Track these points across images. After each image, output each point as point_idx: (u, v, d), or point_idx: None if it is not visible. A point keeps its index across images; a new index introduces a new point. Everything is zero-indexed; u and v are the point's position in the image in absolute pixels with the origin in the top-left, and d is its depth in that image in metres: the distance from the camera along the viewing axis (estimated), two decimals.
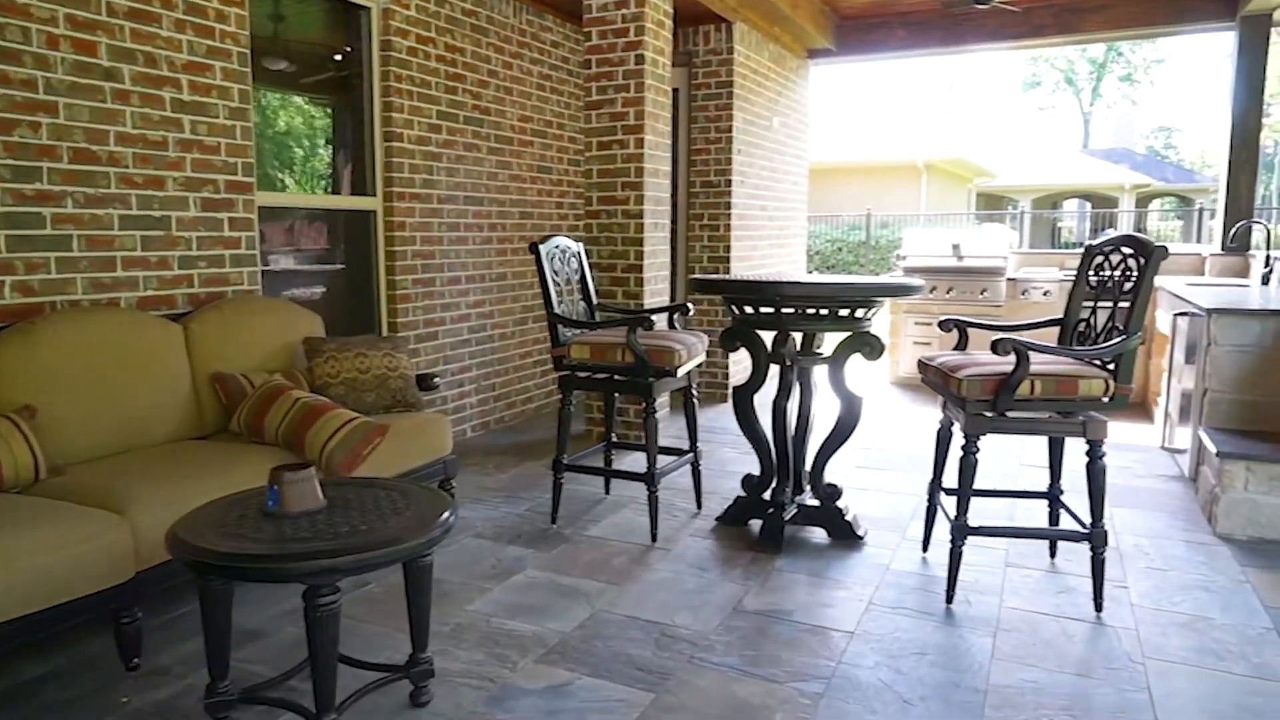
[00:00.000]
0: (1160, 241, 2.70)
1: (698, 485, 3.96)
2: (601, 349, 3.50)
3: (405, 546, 2.03)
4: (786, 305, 3.26)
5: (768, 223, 7.09)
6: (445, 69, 5.00)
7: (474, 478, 4.51)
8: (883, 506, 4.02)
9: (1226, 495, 3.59)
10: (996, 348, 2.70)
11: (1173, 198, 28.52)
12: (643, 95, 4.91)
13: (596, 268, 5.15)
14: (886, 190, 18.51)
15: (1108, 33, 6.89)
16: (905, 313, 6.96)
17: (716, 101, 6.30)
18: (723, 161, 6.33)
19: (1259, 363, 3.87)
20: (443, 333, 5.14)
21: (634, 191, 4.99)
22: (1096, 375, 2.76)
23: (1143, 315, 2.76)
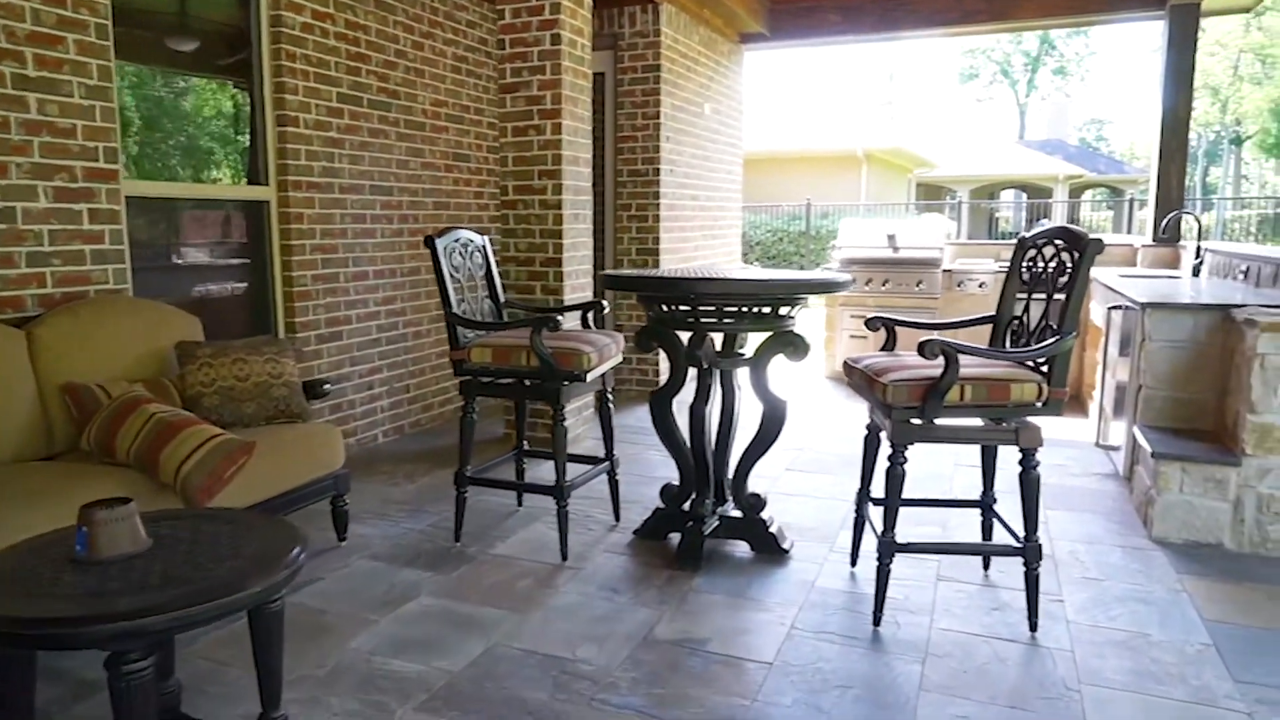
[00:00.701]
0: (1095, 233, 2.51)
1: (615, 496, 3.70)
2: (504, 352, 3.21)
3: (239, 597, 1.73)
4: (702, 303, 3.01)
5: (700, 213, 6.85)
6: (347, 48, 4.63)
7: (379, 489, 4.18)
8: (812, 513, 3.81)
9: (1162, 498, 3.46)
10: (924, 350, 2.48)
11: (1104, 188, 29.12)
12: (560, 78, 4.61)
13: (514, 262, 4.85)
14: (827, 180, 18.45)
15: (1040, 20, 6.79)
16: (841, 306, 6.79)
17: (643, 86, 6.02)
18: (650, 149, 6.06)
19: (1193, 358, 3.74)
20: (349, 332, 4.79)
21: (552, 180, 4.70)
22: (1029, 378, 2.56)
23: (1078, 313, 2.57)
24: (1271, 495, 3.31)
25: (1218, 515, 3.39)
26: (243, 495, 2.87)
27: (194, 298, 4.14)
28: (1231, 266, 4.80)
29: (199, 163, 4.28)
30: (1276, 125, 28.82)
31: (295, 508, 3.21)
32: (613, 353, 3.42)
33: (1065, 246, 2.64)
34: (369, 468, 4.55)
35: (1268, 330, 3.24)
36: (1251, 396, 3.29)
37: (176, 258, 4.11)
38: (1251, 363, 3.29)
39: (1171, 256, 6.21)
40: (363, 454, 4.83)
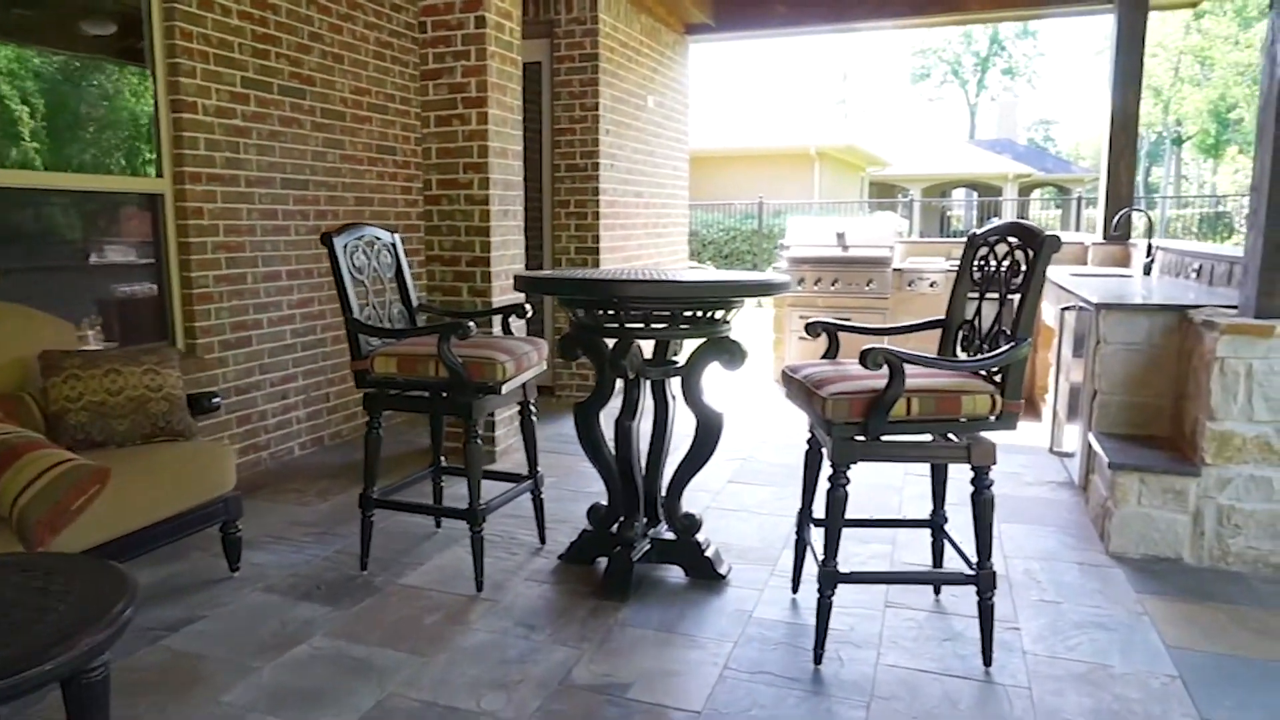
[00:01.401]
0: (1050, 230, 2.29)
1: (540, 516, 3.41)
2: (411, 361, 2.89)
3: (35, 673, 1.41)
4: (627, 308, 2.73)
5: (643, 210, 6.58)
6: (253, 29, 4.26)
7: (287, 510, 3.83)
8: (753, 531, 3.56)
9: (1119, 510, 3.26)
10: (866, 359, 2.23)
11: (1052, 187, 29.53)
12: (485, 64, 4.30)
13: (439, 261, 4.53)
14: (780, 178, 18.33)
15: (991, 12, 6.64)
16: (790, 306, 6.57)
17: (581, 76, 5.73)
18: (589, 143, 5.77)
19: (1149, 362, 3.56)
20: (259, 338, 4.42)
21: (478, 174, 4.38)
22: (982, 390, 2.33)
23: (1033, 317, 2.34)
24: (1231, 507, 3.14)
25: (1177, 528, 3.21)
26: (104, 528, 2.52)
27: (76, 302, 3.75)
28: (1184, 265, 4.65)
29: (84, 151, 3.89)
30: (1215, 126, 29.49)
31: (175, 538, 2.87)
32: (533, 361, 3.12)
33: (1019, 244, 2.42)
34: (279, 485, 4.20)
35: (1227, 333, 3.06)
36: (1210, 403, 3.11)
37: (55, 257, 3.72)
38: (1210, 367, 3.11)
39: (1122, 254, 6.09)
40: (275, 469, 4.47)
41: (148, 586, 3.01)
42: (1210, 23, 27.75)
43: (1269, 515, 3.10)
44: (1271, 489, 3.09)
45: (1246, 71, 27.23)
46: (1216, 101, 28.46)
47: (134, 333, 3.95)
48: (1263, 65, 3.17)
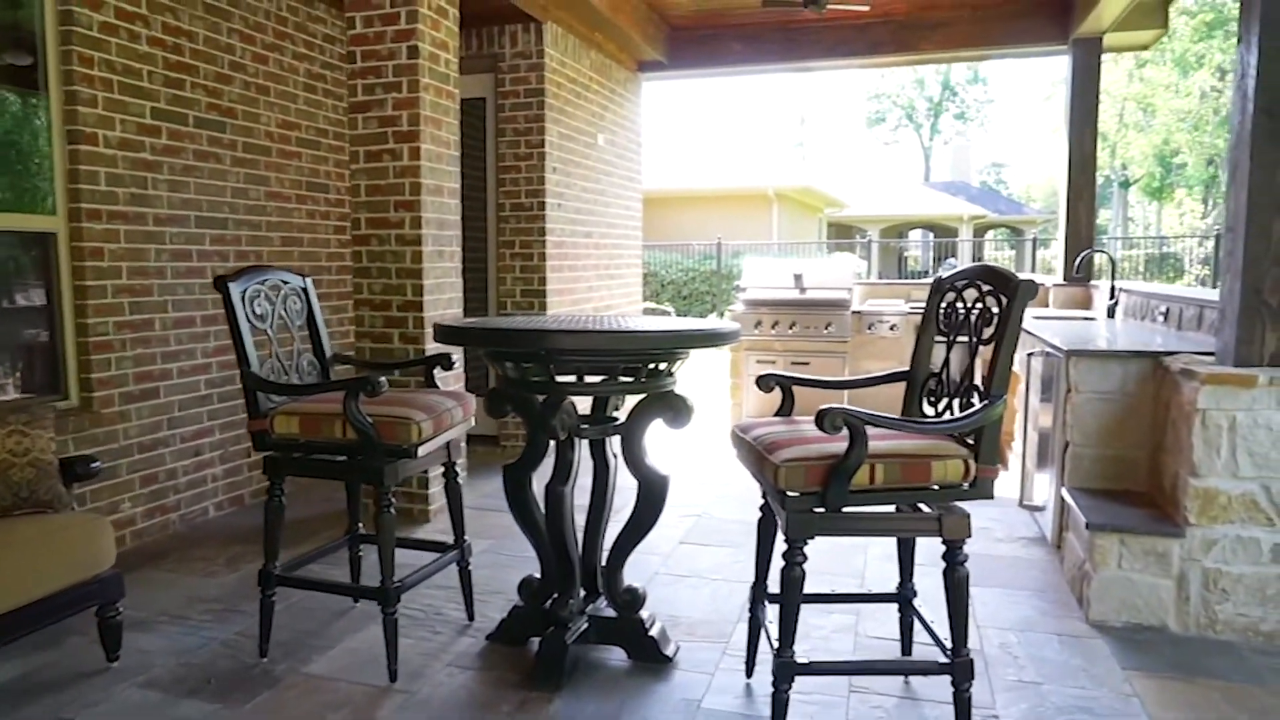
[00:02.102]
0: (1025, 275, 2.05)
1: (467, 590, 3.06)
2: (315, 421, 2.56)
3: None
4: (557, 361, 2.43)
5: (593, 251, 6.32)
6: (165, 56, 3.96)
7: (191, 582, 3.44)
8: (705, 601, 3.25)
9: (1099, 575, 3.01)
10: (823, 421, 1.95)
11: (1006, 228, 30.03)
12: (418, 96, 4.03)
13: (368, 306, 4.21)
14: (739, 219, 18.29)
15: (945, 52, 6.55)
16: (747, 350, 6.32)
17: (526, 112, 5.49)
18: (535, 181, 5.51)
19: (1123, 411, 3.35)
20: (168, 389, 4.05)
21: (409, 213, 4.09)
22: (954, 453, 2.06)
23: (1008, 370, 2.09)
24: (1218, 570, 2.90)
25: (1160, 593, 2.97)
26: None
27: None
28: (1150, 307, 4.49)
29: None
30: (1160, 170, 30.29)
31: (40, 626, 2.49)
32: (457, 418, 2.81)
33: (990, 290, 2.18)
34: (187, 552, 3.80)
35: (1208, 383, 2.85)
36: (1192, 458, 2.88)
37: None
38: (1191, 419, 2.89)
39: (1083, 296, 5.95)
40: (185, 534, 4.07)
41: (6, 683, 2.61)
42: (1152, 71, 28.64)
43: (1257, 579, 2.87)
44: (1259, 551, 2.86)
45: (1187, 118, 28.07)
46: (1160, 146, 29.26)
47: (20, 386, 3.56)
48: (1233, 101, 3.01)
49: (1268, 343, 2.90)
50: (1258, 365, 2.90)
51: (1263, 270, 2.89)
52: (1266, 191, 2.86)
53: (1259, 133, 2.86)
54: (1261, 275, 2.89)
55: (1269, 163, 2.86)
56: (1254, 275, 2.89)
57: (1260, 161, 2.87)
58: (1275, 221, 2.87)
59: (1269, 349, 2.90)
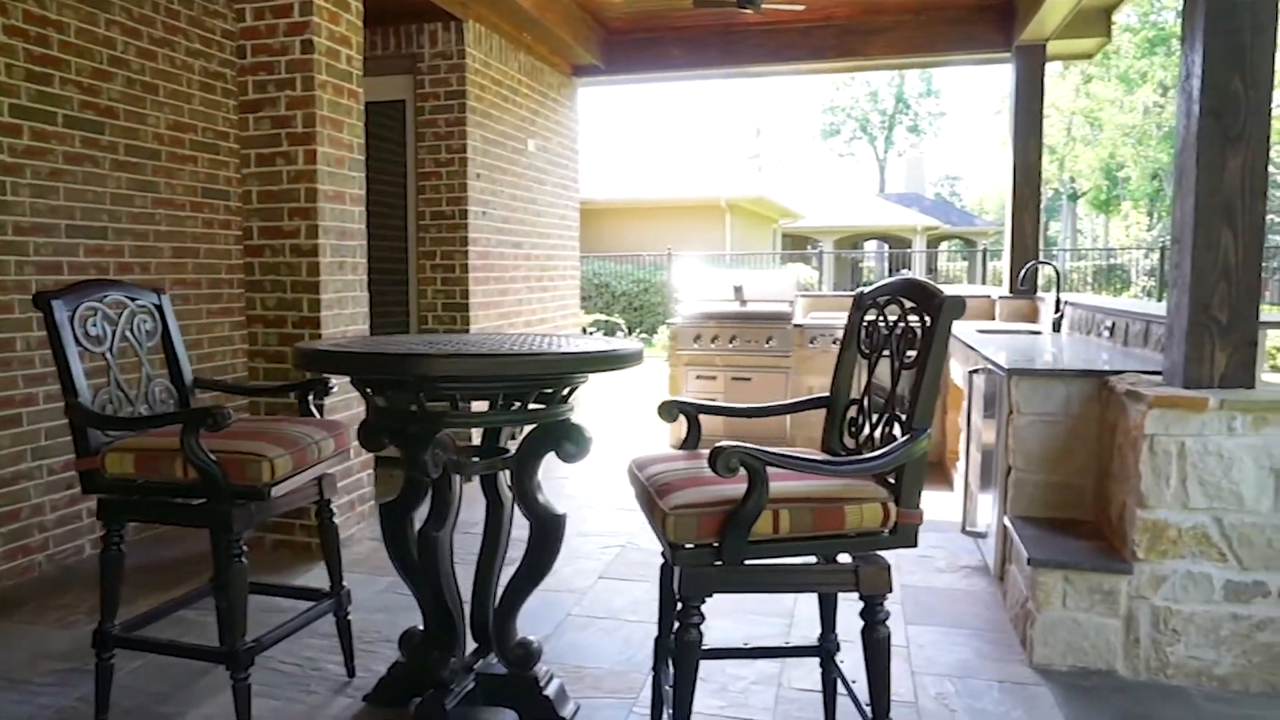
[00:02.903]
0: (953, 286, 1.79)
1: (347, 643, 2.73)
2: (152, 459, 2.22)
3: None
4: (427, 388, 2.12)
5: (524, 262, 6.01)
6: (28, 48, 3.58)
7: (41, 634, 3.05)
8: (617, 648, 2.94)
9: (1042, 615, 2.77)
10: (716, 462, 1.67)
11: (959, 240, 30.29)
12: (313, 94, 3.70)
13: (261, 323, 3.86)
14: (692, 229, 18.11)
15: (890, 58, 6.37)
16: (687, 365, 6.05)
17: (447, 116, 5.17)
18: (456, 188, 5.19)
19: (1068, 435, 3.12)
20: (32, 415, 3.65)
21: (305, 221, 3.75)
22: (871, 496, 1.79)
23: (933, 398, 1.83)
24: (1168, 609, 2.67)
25: (1108, 634, 2.73)
26: None
27: None
28: (1095, 322, 4.31)
29: None
30: (1106, 183, 30.84)
31: None
32: (326, 451, 2.48)
33: (914, 307, 1.91)
34: (49, 598, 3.41)
35: (1156, 406, 2.62)
36: (1140, 487, 2.65)
37: None
38: (1138, 445, 2.66)
39: (1030, 309, 5.79)
40: (53, 576, 3.68)
41: None
42: (1098, 86, 29.17)
43: (1209, 619, 2.65)
44: (1211, 588, 2.64)
45: (1131, 132, 28.62)
46: (1106, 160, 29.78)
47: None
48: (1179, 104, 2.81)
49: (1217, 362, 2.69)
50: (1208, 386, 2.69)
51: (1211, 284, 2.68)
52: (1214, 199, 2.66)
53: (1205, 136, 2.66)
54: (1210, 289, 2.68)
55: (1216, 168, 2.66)
56: (1202, 289, 2.68)
57: (1206, 167, 2.67)
58: (1223, 231, 2.66)
59: (1219, 369, 2.69)
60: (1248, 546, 2.61)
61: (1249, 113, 2.63)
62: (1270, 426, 2.57)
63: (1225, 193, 2.65)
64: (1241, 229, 2.65)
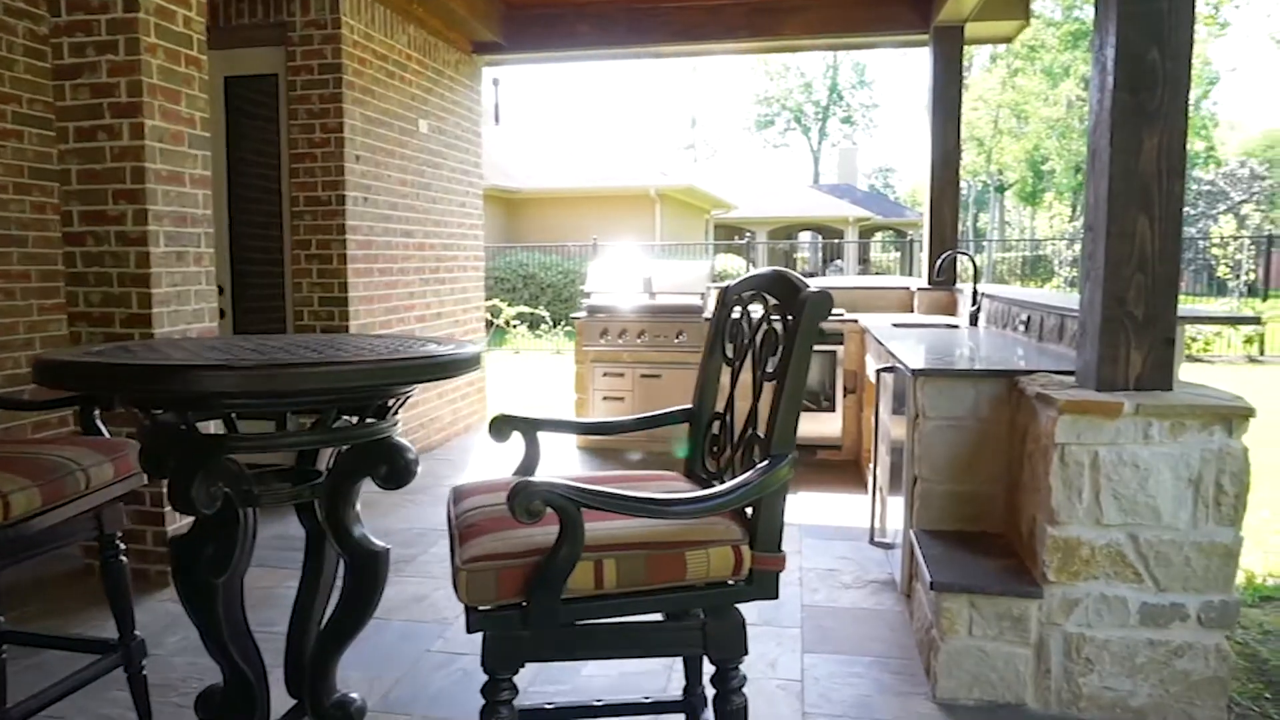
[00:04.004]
0: (818, 286, 1.46)
1: (142, 704, 2.31)
2: None
3: None
4: (196, 407, 1.72)
5: (416, 253, 5.58)
6: None
7: None
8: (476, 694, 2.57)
9: (946, 644, 2.49)
10: (514, 503, 1.31)
11: (892, 231, 30.55)
12: (139, 59, 3.22)
13: (85, 320, 3.38)
14: (622, 219, 17.75)
15: (805, 38, 6.08)
16: (594, 362, 5.70)
17: (321, 91, 4.70)
18: (333, 170, 4.73)
19: (976, 441, 2.85)
20: None
21: (132, 205, 3.28)
22: (720, 537, 1.46)
23: (794, 417, 1.50)
24: (1081, 636, 2.42)
25: (1017, 665, 2.46)
26: None
27: None
28: (1011, 315, 4.08)
29: None
30: (1032, 176, 31.43)
31: None
32: (99, 480, 2.05)
33: (777, 305, 1.58)
34: None
35: (1067, 412, 2.36)
36: (1051, 502, 2.39)
37: None
38: (1049, 455, 2.40)
39: (948, 301, 5.58)
40: None
41: None
42: (1024, 80, 29.66)
43: (1125, 645, 2.40)
44: (1127, 611, 2.39)
45: (1055, 126, 29.18)
46: (1032, 152, 30.33)
47: None
48: (1093, 77, 2.54)
49: (1133, 362, 2.43)
50: (1122, 389, 2.43)
51: (1126, 276, 2.42)
52: (1129, 182, 2.40)
53: (1119, 112, 2.40)
54: (1125, 282, 2.42)
55: (1131, 148, 2.40)
56: (1116, 282, 2.42)
57: (1121, 147, 2.41)
58: (1139, 218, 2.41)
59: (1134, 370, 2.44)
60: (1165, 566, 2.36)
61: (1167, 86, 2.38)
62: (1189, 433, 2.32)
63: (1141, 175, 2.40)
64: (1159, 215, 2.40)
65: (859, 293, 6.02)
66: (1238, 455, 2.30)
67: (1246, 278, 15.93)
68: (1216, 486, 2.32)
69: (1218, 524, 2.33)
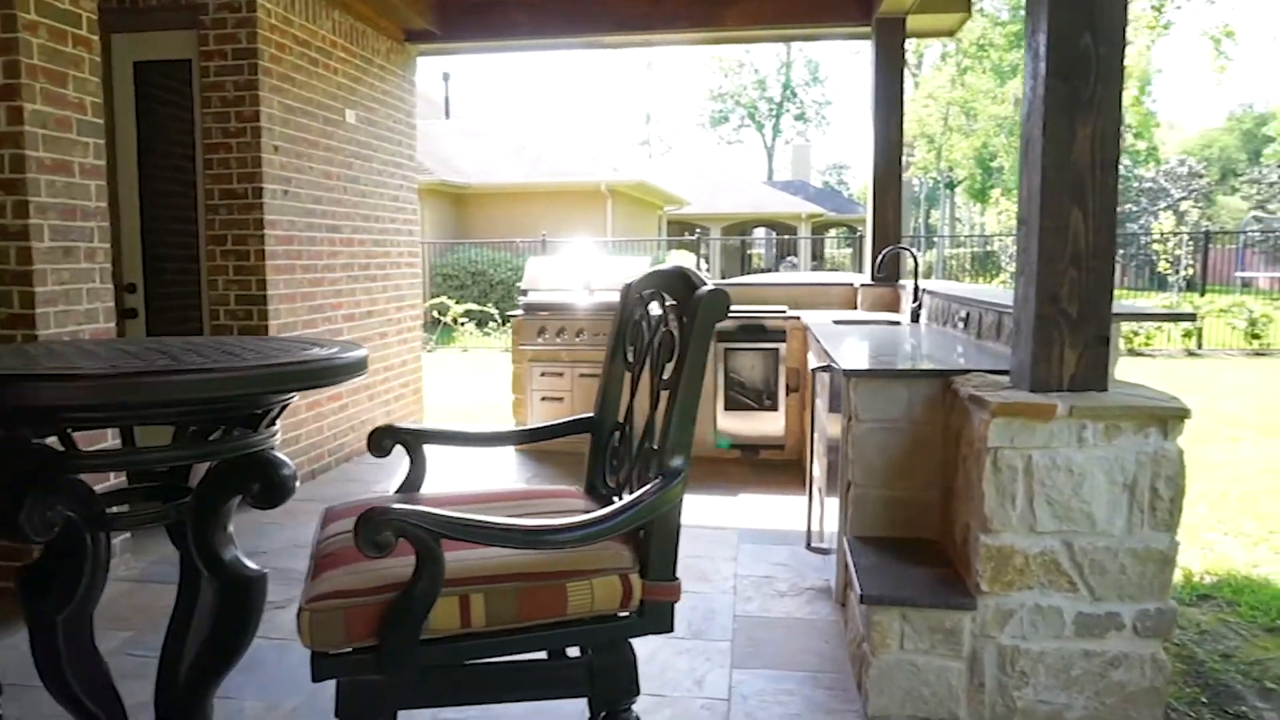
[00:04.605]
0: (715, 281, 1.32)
1: None
2: None
3: None
4: (33, 421, 1.52)
5: (344, 249, 5.34)
6: None
7: None
8: None
9: (878, 659, 2.37)
10: (359, 535, 1.14)
11: (845, 227, 30.74)
12: (16, 38, 2.97)
13: None
14: (573, 215, 17.53)
15: (746, 29, 5.96)
16: (531, 362, 5.52)
17: (236, 78, 4.45)
18: (249, 162, 4.48)
19: (910, 444, 2.74)
20: None
21: (11, 196, 3.03)
22: (606, 566, 1.30)
23: (688, 429, 1.35)
24: (1015, 648, 2.31)
25: (950, 679, 2.35)
26: None
27: None
28: (951, 312, 3.99)
29: None
30: (981, 173, 31.83)
31: None
32: None
33: (674, 305, 1.43)
34: None
35: (1000, 414, 2.25)
36: (984, 509, 2.28)
37: None
38: (982, 459, 2.29)
39: (891, 297, 5.50)
40: None
41: None
42: (972, 78, 30.00)
43: (1060, 657, 2.30)
44: (1062, 622, 2.29)
45: (1004, 123, 29.58)
46: (980, 149, 30.71)
47: None
48: (1026, 64, 2.44)
49: (1067, 361, 2.33)
50: (1057, 389, 2.33)
51: (1060, 271, 2.32)
52: (1062, 173, 2.30)
53: (1052, 101, 2.29)
54: (1058, 278, 2.32)
55: (1064, 138, 2.30)
56: (1050, 278, 2.32)
57: (1054, 137, 2.30)
58: (1073, 211, 2.31)
59: (1069, 369, 2.34)
60: (1100, 574, 2.27)
61: (1100, 74, 2.28)
62: (1124, 435, 2.23)
63: (1075, 166, 2.30)
64: (1093, 208, 2.30)
65: (803, 289, 5.92)
66: (1173, 458, 2.21)
67: (1185, 273, 16.25)
68: (1152, 491, 2.23)
69: (1153, 529, 2.24)
